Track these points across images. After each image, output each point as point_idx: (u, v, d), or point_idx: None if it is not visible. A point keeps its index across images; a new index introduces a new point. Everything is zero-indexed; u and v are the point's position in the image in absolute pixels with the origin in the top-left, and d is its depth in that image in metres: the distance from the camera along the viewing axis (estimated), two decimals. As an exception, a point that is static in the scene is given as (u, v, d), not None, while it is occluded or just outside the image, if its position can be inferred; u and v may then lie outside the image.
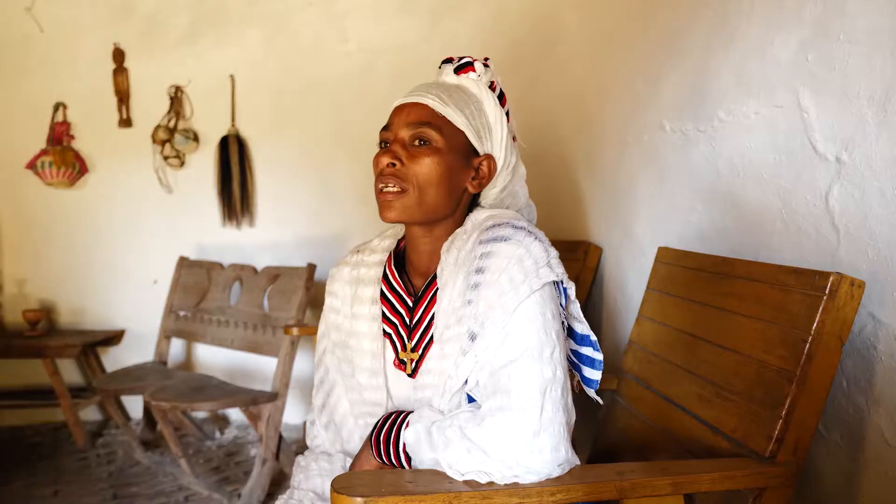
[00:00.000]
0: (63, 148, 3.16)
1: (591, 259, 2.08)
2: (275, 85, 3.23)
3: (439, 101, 1.01)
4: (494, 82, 1.08)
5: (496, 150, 1.05)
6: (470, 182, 1.04)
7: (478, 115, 1.03)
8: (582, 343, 1.04)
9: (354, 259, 1.18)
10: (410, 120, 1.01)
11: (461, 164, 1.02)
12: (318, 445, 1.19)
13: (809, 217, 1.27)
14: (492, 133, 1.05)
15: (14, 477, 2.63)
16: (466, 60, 1.07)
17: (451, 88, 1.04)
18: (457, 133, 1.02)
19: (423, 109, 1.01)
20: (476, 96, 1.05)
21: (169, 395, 2.37)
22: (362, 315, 1.12)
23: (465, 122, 1.02)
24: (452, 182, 1.02)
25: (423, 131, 1.00)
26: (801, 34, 1.30)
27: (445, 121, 1.01)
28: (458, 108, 1.02)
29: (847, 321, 1.03)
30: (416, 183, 0.99)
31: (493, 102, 1.05)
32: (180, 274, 3.15)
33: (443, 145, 1.00)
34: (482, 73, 1.06)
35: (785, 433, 1.02)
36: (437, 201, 1.01)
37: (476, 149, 1.04)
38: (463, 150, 1.03)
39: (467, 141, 1.03)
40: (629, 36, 1.95)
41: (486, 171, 1.05)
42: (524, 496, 0.85)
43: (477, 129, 1.03)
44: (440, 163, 0.99)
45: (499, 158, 1.05)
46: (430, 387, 0.99)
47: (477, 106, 1.04)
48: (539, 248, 0.95)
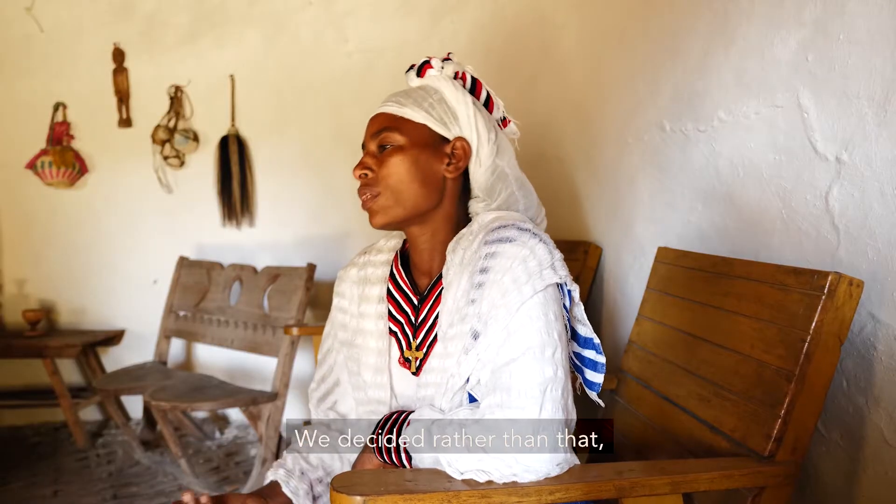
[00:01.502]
0: (63, 148, 3.16)
1: (591, 259, 2.08)
2: (275, 85, 3.23)
3: (396, 105, 1.07)
4: (459, 72, 1.11)
5: (465, 130, 1.07)
6: (446, 168, 1.06)
7: (438, 105, 1.07)
8: (585, 346, 1.04)
9: (362, 260, 1.21)
10: (373, 131, 1.07)
11: (429, 154, 1.05)
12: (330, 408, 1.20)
13: (809, 217, 1.27)
14: (457, 117, 1.07)
15: (14, 477, 2.63)
16: (423, 61, 1.11)
17: (411, 90, 1.10)
18: (417, 127, 1.05)
19: (383, 117, 1.07)
20: (436, 88, 1.09)
21: (169, 395, 2.37)
22: (369, 313, 1.13)
23: (423, 114, 1.05)
24: (424, 173, 1.04)
25: (384, 136, 1.05)
26: (800, 34, 1.30)
27: (404, 120, 1.05)
28: (415, 104, 1.06)
29: (846, 321, 1.03)
30: (388, 184, 1.04)
31: (454, 88, 1.07)
32: (180, 274, 3.15)
33: (404, 142, 1.04)
34: (439, 67, 1.10)
35: (784, 433, 1.02)
36: (414, 195, 1.04)
37: (445, 136, 1.06)
38: (428, 141, 1.05)
39: (432, 132, 1.06)
40: (629, 36, 1.95)
41: (462, 152, 1.06)
42: (523, 495, 0.85)
43: (440, 117, 1.06)
44: (404, 159, 1.03)
45: (470, 137, 1.06)
46: (433, 385, 1.01)
47: (437, 97, 1.07)
48: (543, 250, 0.96)
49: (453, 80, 1.08)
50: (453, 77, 1.10)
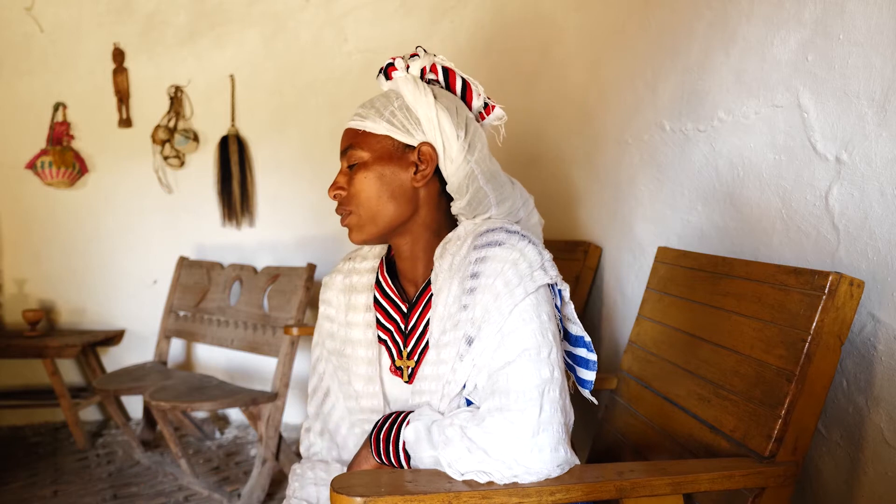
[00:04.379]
0: (63, 148, 3.16)
1: (590, 259, 2.08)
2: (274, 85, 3.23)
3: (358, 119, 1.05)
4: (427, 67, 1.07)
5: (429, 133, 1.03)
6: (413, 178, 1.03)
7: (399, 112, 1.04)
8: (576, 344, 1.04)
9: (347, 267, 1.19)
10: (341, 149, 1.06)
11: (394, 165, 1.03)
12: (314, 453, 1.19)
13: (809, 217, 1.27)
14: (420, 120, 1.03)
15: (14, 477, 2.63)
16: (388, 62, 1.08)
17: (375, 99, 1.07)
18: (380, 140, 1.03)
19: (349, 133, 1.06)
20: (398, 93, 1.06)
21: (169, 395, 2.37)
22: (357, 323, 1.12)
23: (385, 125, 1.03)
24: (391, 187, 1.02)
25: (350, 154, 1.04)
26: (800, 34, 1.30)
27: (366, 135, 1.04)
28: (378, 115, 1.04)
29: (846, 321, 1.03)
30: (359, 201, 1.03)
31: (414, 89, 1.04)
32: (180, 274, 3.15)
33: (368, 158, 1.03)
34: (403, 68, 1.07)
35: (784, 433, 1.02)
36: (385, 210, 1.03)
37: (409, 143, 1.03)
38: (392, 152, 1.03)
39: (395, 142, 1.03)
40: (629, 36, 1.95)
41: (427, 157, 1.03)
42: (523, 496, 0.85)
43: (402, 124, 1.03)
44: (368, 175, 1.02)
45: (434, 140, 1.03)
46: (428, 392, 1.00)
47: (399, 102, 1.05)
48: (533, 251, 0.96)
49: (415, 81, 1.05)
50: (421, 74, 1.07)
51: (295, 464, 1.18)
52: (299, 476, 1.14)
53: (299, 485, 1.12)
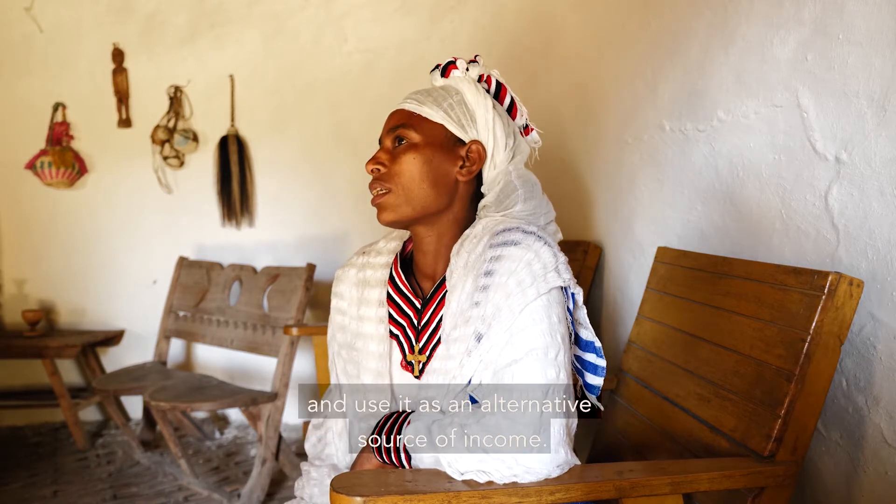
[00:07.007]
0: (62, 148, 3.16)
1: (590, 258, 2.08)
2: (274, 85, 3.23)
3: (415, 103, 1.07)
4: (484, 76, 1.11)
5: (482, 133, 1.07)
6: (458, 171, 1.05)
7: (457, 106, 1.07)
8: (586, 349, 1.04)
9: (360, 261, 1.19)
10: (390, 126, 1.07)
11: (443, 154, 1.05)
12: (323, 452, 1.19)
13: (809, 217, 1.27)
14: (476, 120, 1.07)
15: (14, 477, 2.63)
16: (449, 61, 1.11)
17: (433, 90, 1.10)
18: (434, 127, 1.05)
19: (401, 114, 1.08)
20: (457, 89, 1.09)
21: (168, 396, 2.37)
22: (369, 317, 1.12)
23: (442, 114, 1.05)
24: (436, 173, 1.04)
25: (400, 132, 1.05)
26: (800, 34, 1.30)
27: (421, 118, 1.05)
28: (435, 103, 1.06)
29: (846, 321, 1.03)
30: (400, 181, 1.03)
31: (475, 90, 1.08)
32: (180, 274, 3.15)
33: (419, 140, 1.04)
34: (464, 69, 1.10)
35: (784, 433, 1.02)
36: (424, 194, 1.03)
37: (461, 138, 1.06)
38: (444, 141, 1.05)
39: (448, 133, 1.06)
40: (629, 36, 1.95)
41: (476, 156, 1.06)
42: (523, 496, 0.86)
43: (458, 118, 1.06)
44: (417, 156, 1.03)
45: (486, 141, 1.07)
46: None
47: (457, 98, 1.08)
48: (548, 253, 0.96)
49: (476, 83, 1.08)
50: (477, 80, 1.10)
51: (303, 462, 1.19)
52: (305, 472, 1.15)
53: (305, 482, 1.14)
